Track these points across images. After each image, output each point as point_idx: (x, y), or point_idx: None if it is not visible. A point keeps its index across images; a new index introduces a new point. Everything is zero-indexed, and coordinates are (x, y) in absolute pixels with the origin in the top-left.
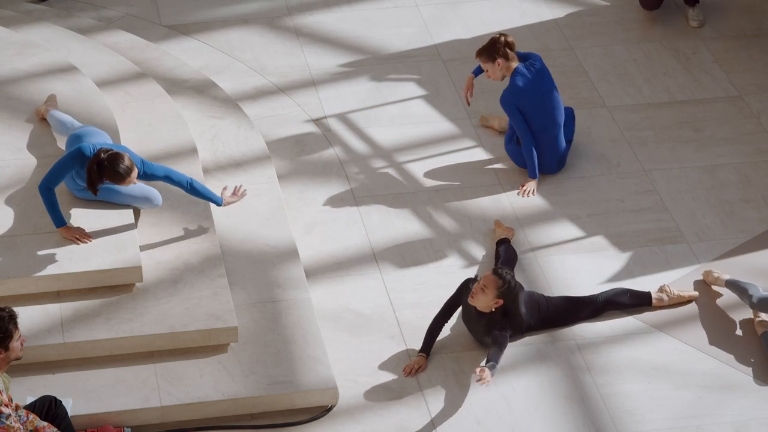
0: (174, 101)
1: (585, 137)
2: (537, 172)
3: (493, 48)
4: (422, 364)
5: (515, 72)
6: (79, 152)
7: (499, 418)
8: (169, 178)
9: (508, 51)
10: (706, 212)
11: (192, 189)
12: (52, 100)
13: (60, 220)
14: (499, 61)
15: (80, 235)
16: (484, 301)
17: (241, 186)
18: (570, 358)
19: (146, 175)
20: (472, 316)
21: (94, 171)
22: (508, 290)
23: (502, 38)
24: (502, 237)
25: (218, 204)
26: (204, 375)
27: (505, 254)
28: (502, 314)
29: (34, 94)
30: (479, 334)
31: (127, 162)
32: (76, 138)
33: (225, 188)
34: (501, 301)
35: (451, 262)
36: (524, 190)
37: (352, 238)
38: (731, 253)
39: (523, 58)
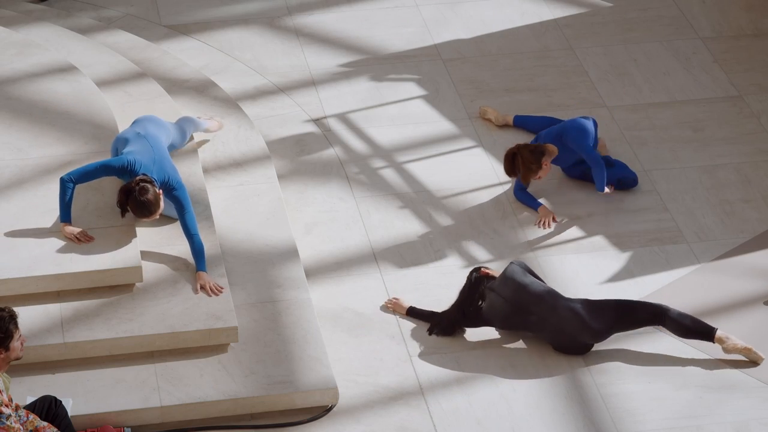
0: (174, 101)
1: None
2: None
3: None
4: (400, 310)
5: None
6: (109, 165)
7: (499, 418)
8: (183, 212)
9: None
10: (706, 212)
11: (193, 239)
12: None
13: (66, 216)
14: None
15: (81, 236)
16: None
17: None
18: (570, 358)
19: (167, 187)
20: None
21: (122, 197)
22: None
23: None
24: None
25: (198, 268)
26: (204, 375)
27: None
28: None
29: (34, 94)
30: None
31: (150, 197)
32: (135, 123)
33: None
34: None
35: (451, 262)
36: None
37: (352, 238)
38: (731, 253)
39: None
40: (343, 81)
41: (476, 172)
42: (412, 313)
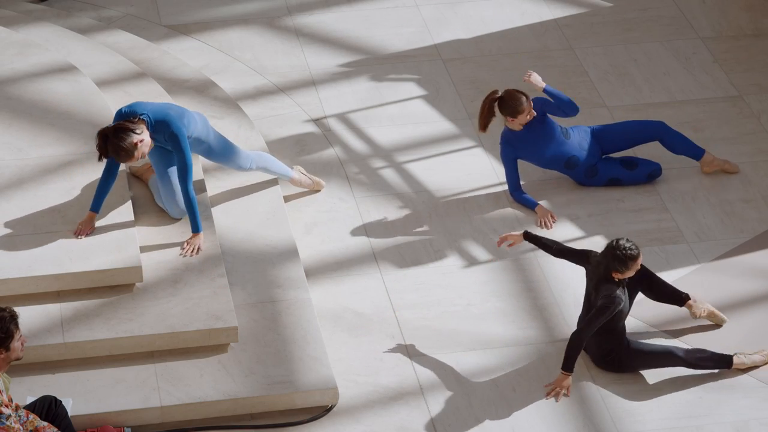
0: (174, 101)
1: None
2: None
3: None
4: (567, 384)
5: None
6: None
7: (499, 418)
8: (180, 158)
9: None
10: (706, 212)
11: (183, 189)
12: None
13: (94, 206)
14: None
15: (82, 232)
16: None
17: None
18: None
19: (161, 125)
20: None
21: (99, 141)
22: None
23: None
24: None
25: (194, 230)
26: (204, 375)
27: None
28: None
29: (34, 94)
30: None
31: (125, 145)
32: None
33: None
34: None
35: (451, 262)
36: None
37: (352, 238)
38: (731, 253)
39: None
40: (343, 81)
41: (476, 172)
42: (572, 366)
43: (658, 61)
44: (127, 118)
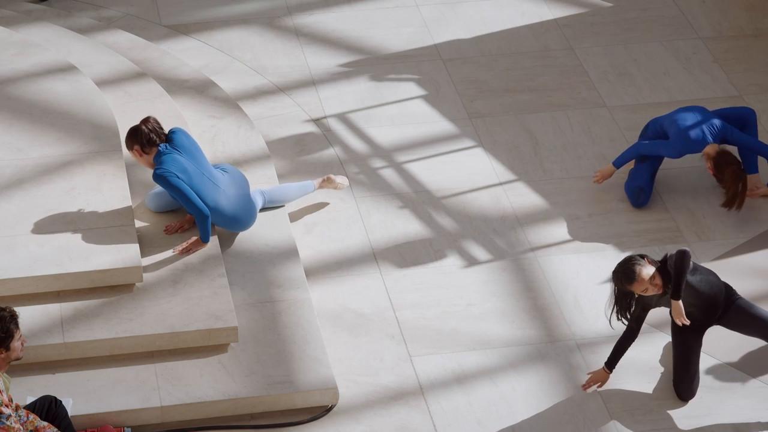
0: (174, 101)
1: (585, 137)
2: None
3: None
4: (602, 378)
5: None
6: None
7: (499, 418)
8: (178, 198)
9: None
10: (706, 212)
11: (196, 209)
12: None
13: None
14: None
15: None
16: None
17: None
18: (570, 358)
19: (156, 162)
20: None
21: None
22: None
23: None
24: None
25: (201, 238)
26: (204, 375)
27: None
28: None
29: (34, 94)
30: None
31: (132, 136)
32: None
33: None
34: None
35: (451, 262)
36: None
37: (352, 238)
38: (731, 253)
39: None
40: (343, 81)
41: (476, 172)
42: (613, 363)
43: (658, 61)
44: (169, 135)
